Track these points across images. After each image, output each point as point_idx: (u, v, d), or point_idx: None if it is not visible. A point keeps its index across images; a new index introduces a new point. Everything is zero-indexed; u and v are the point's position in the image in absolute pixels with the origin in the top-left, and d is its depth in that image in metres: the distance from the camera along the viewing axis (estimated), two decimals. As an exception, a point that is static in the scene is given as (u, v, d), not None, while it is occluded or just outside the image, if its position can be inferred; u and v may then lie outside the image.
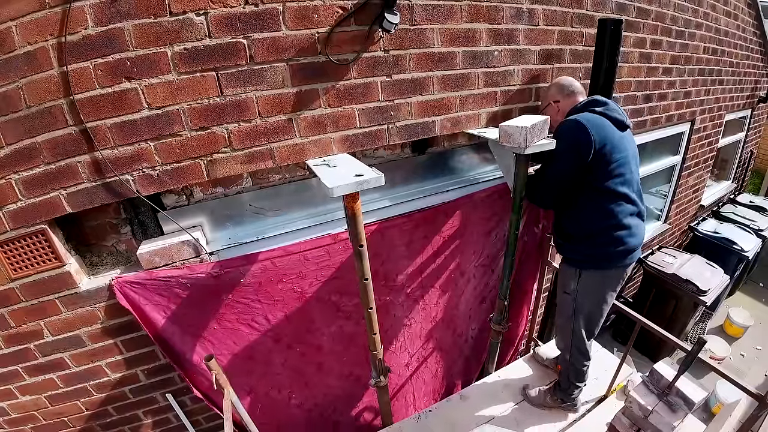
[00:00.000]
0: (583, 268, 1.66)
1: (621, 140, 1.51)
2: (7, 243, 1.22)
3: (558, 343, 1.96)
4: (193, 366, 1.56)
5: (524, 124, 1.44)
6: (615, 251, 1.56)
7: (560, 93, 1.67)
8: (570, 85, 1.66)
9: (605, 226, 1.55)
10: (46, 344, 1.41)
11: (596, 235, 1.57)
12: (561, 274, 1.79)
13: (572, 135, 1.47)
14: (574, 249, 1.66)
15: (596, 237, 1.57)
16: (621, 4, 2.15)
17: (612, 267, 1.61)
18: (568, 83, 1.67)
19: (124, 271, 1.41)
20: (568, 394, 1.92)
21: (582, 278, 1.66)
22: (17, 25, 1.02)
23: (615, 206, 1.53)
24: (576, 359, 1.82)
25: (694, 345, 1.39)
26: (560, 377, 1.96)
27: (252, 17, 1.22)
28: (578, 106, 1.59)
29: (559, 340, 1.92)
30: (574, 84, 1.67)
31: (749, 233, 4.04)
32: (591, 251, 1.60)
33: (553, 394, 1.98)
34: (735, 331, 3.93)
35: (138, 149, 1.23)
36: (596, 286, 1.67)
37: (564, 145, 1.49)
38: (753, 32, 3.90)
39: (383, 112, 1.55)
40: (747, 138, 5.03)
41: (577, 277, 1.67)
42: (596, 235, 1.57)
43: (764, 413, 1.35)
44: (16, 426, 1.53)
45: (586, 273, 1.65)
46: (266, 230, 1.63)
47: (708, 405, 3.11)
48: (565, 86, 1.66)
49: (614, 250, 1.56)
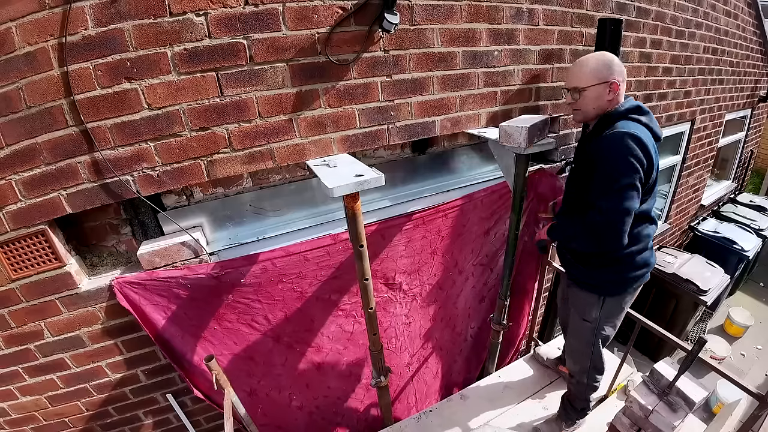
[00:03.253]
0: (607, 295, 1.50)
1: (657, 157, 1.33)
2: (7, 243, 1.22)
3: (571, 366, 1.77)
4: (193, 366, 1.56)
5: (524, 124, 1.44)
6: (640, 273, 1.45)
7: (621, 75, 1.32)
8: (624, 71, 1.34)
9: (632, 251, 1.40)
10: (46, 345, 1.41)
11: (622, 259, 1.42)
12: (577, 299, 1.59)
13: (635, 153, 1.20)
14: (596, 275, 1.48)
15: (622, 262, 1.42)
16: (621, 4, 2.15)
17: (635, 287, 1.50)
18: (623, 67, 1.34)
19: (124, 271, 1.40)
20: (584, 412, 1.83)
21: (605, 305, 1.51)
22: (17, 25, 1.02)
23: (642, 228, 1.39)
24: (593, 378, 1.71)
25: (695, 345, 1.39)
26: (573, 399, 1.81)
27: (252, 17, 1.22)
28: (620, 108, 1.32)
29: (573, 363, 1.74)
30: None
31: (749, 233, 4.04)
32: (616, 277, 1.45)
33: (567, 419, 1.84)
34: (735, 330, 3.92)
35: (138, 150, 1.23)
36: (619, 308, 1.54)
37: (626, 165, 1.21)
38: (753, 32, 3.90)
39: (383, 112, 1.55)
40: (747, 137, 5.03)
41: (600, 305, 1.51)
42: (622, 260, 1.42)
43: (765, 413, 1.35)
44: (17, 426, 1.53)
45: (610, 299, 1.50)
46: (266, 230, 1.63)
47: (708, 405, 3.11)
48: (623, 71, 1.33)
49: (639, 273, 1.44)
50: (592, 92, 1.33)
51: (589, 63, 1.33)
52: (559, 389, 2.08)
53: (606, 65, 1.31)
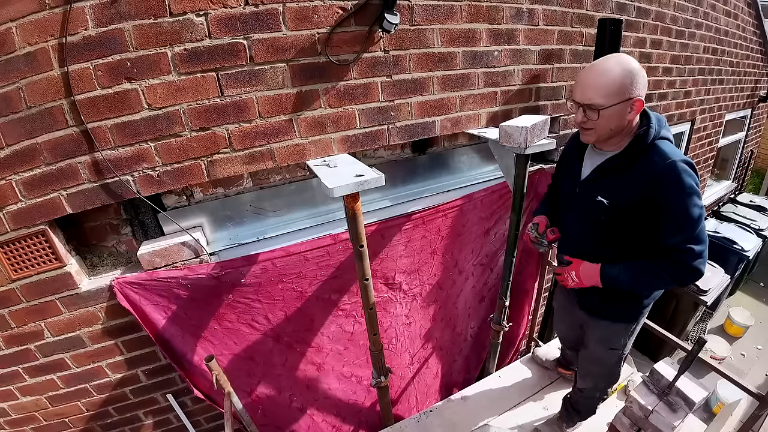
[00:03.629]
0: (638, 319, 1.43)
1: None
2: (7, 244, 1.22)
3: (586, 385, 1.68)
4: (193, 366, 1.56)
5: (524, 124, 1.44)
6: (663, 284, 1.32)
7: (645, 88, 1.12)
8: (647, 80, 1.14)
9: None
10: (46, 345, 1.41)
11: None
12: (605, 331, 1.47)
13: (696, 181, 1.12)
14: (631, 306, 1.39)
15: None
16: (621, 4, 2.15)
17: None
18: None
19: (124, 271, 1.40)
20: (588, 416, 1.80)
21: (635, 329, 1.45)
22: (17, 26, 1.02)
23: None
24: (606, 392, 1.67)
25: (695, 345, 1.39)
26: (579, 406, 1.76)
27: (252, 18, 1.22)
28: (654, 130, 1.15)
29: (589, 383, 1.66)
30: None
31: (749, 233, 4.04)
32: (649, 301, 1.39)
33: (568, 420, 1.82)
34: (735, 330, 3.92)
35: (138, 150, 1.23)
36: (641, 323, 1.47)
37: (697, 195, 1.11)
38: (753, 32, 3.90)
39: (383, 112, 1.55)
40: (747, 137, 5.03)
41: (630, 331, 1.44)
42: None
43: (765, 413, 1.35)
44: (17, 427, 1.53)
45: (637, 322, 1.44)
46: (266, 231, 1.63)
47: (709, 405, 3.11)
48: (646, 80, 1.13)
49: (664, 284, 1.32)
50: (612, 111, 1.11)
51: (612, 74, 1.08)
52: (559, 389, 2.08)
53: (631, 76, 1.08)
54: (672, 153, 1.13)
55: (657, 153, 1.14)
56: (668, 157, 1.11)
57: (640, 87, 1.10)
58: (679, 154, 1.13)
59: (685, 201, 1.10)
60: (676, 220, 1.13)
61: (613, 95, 1.10)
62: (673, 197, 1.11)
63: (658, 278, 1.20)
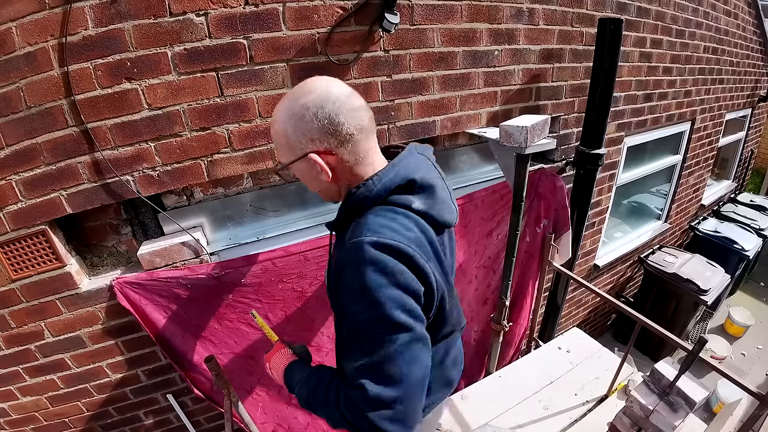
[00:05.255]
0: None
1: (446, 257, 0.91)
2: (7, 244, 1.22)
3: None
4: (193, 366, 1.56)
5: (524, 124, 1.44)
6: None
7: (332, 134, 0.75)
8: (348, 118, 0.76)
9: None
10: (46, 345, 1.40)
11: None
12: None
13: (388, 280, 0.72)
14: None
15: None
16: (621, 4, 2.15)
17: None
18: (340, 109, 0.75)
19: (124, 271, 1.40)
20: None
21: None
22: (17, 25, 1.02)
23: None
24: None
25: (695, 344, 1.39)
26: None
27: (252, 17, 1.21)
28: (374, 187, 0.77)
29: None
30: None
31: (750, 232, 4.04)
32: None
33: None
34: (736, 330, 3.92)
35: (138, 150, 1.23)
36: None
37: (377, 300, 0.70)
38: (753, 31, 3.90)
39: (383, 112, 1.55)
40: (747, 137, 5.03)
41: None
42: None
43: (765, 412, 1.35)
44: (17, 427, 1.53)
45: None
46: (267, 230, 1.63)
47: (709, 404, 3.11)
48: (342, 121, 0.75)
49: None
50: (296, 170, 0.82)
51: (277, 119, 0.77)
52: (560, 389, 2.08)
53: (295, 122, 0.74)
54: (371, 224, 0.74)
55: (360, 223, 0.76)
56: (361, 228, 0.74)
57: (316, 133, 0.74)
58: (380, 228, 0.72)
59: (351, 301, 0.72)
60: (343, 329, 0.77)
61: (286, 150, 0.79)
62: (341, 294, 0.75)
63: (331, 410, 0.77)
